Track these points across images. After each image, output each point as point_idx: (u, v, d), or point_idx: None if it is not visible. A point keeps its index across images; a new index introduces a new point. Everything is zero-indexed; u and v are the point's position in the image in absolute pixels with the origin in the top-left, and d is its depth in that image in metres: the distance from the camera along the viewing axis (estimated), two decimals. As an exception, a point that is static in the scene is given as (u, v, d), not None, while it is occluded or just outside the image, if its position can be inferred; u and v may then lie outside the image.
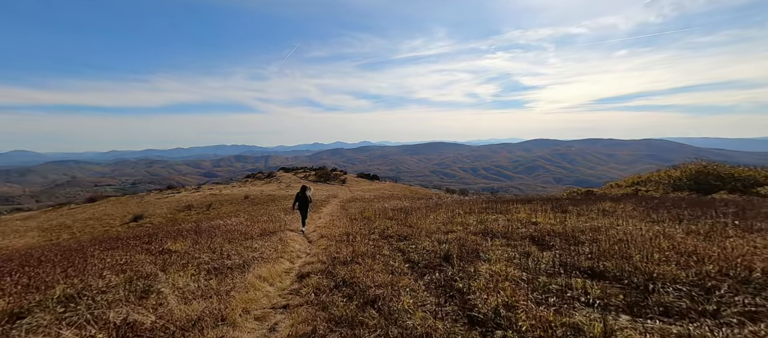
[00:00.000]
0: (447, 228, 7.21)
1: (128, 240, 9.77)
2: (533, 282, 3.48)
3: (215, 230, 9.98)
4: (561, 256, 4.47)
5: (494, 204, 12.15)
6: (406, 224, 8.25)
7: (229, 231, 9.33)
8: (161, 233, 11.03)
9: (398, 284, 3.88)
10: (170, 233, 10.51)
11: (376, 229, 7.96)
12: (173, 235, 9.56)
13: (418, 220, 8.60)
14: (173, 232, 10.91)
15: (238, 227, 10.13)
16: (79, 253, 7.67)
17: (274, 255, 6.00)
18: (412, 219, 9.01)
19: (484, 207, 10.59)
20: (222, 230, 9.66)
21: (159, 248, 7.03)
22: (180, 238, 8.37)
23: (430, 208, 11.96)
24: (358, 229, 8.12)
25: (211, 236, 8.49)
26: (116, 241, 9.50)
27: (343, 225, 9.41)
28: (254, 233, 8.60)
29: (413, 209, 11.76)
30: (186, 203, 38.51)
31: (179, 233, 10.10)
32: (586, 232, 5.88)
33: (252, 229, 9.47)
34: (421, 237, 6.61)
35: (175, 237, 9.20)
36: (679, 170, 19.90)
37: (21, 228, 31.45)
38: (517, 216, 8.50)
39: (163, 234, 10.88)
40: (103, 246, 8.83)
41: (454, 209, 10.66)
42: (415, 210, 11.15)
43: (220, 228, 10.20)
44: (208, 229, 10.04)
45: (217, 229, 10.29)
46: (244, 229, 9.56)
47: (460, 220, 8.23)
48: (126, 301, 3.53)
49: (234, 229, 9.68)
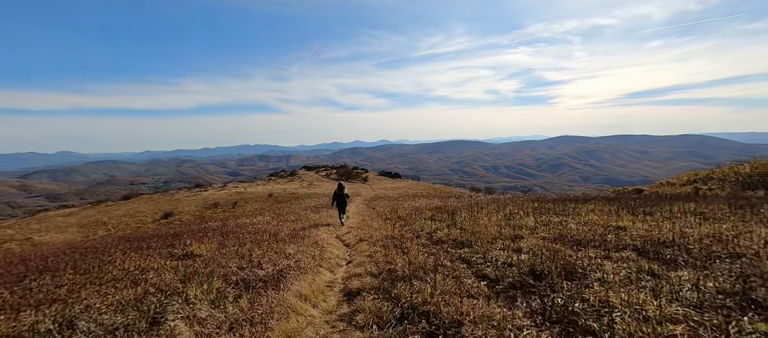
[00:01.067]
0: (510, 233, 6.03)
1: (153, 239, 9.26)
2: (712, 326, 2.30)
3: (242, 230, 9.28)
4: (703, 279, 3.23)
5: (544, 204, 10.77)
6: (456, 226, 7.13)
7: (256, 231, 8.59)
8: (187, 232, 10.51)
9: (491, 314, 2.81)
10: (196, 233, 9.94)
11: (421, 232, 6.90)
12: (199, 235, 8.95)
13: (468, 222, 7.46)
14: (199, 232, 10.36)
15: (266, 227, 9.38)
16: (99, 255, 7.13)
17: (311, 264, 5.08)
18: (460, 219, 7.87)
19: (536, 208, 9.28)
20: (249, 230, 8.94)
21: (182, 251, 6.32)
22: (206, 239, 7.70)
23: (471, 208, 10.76)
24: (401, 231, 7.10)
25: (238, 237, 7.75)
26: (141, 242, 9.01)
27: (379, 226, 8.43)
28: (284, 234, 7.79)
29: (455, 208, 10.60)
30: (213, 201, 39.15)
31: (205, 233, 9.49)
32: (703, 241, 4.56)
33: (281, 229, 8.69)
34: (482, 243, 5.49)
35: (201, 237, 8.57)
36: (749, 166, 17.49)
37: (62, 224, 32.94)
38: (586, 218, 7.17)
39: (189, 233, 10.34)
40: (126, 246, 8.31)
41: (503, 209, 9.41)
42: (459, 210, 9.99)
43: (247, 229, 9.50)
44: (235, 229, 9.37)
45: (244, 229, 9.59)
46: (273, 229, 8.79)
47: (519, 223, 7.01)
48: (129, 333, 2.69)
49: (262, 230, 8.93)
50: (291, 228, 9.11)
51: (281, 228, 9.25)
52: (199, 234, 9.42)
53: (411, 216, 10.24)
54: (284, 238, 7.17)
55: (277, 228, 9.20)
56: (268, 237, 7.24)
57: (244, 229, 9.35)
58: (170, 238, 8.96)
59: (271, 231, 8.44)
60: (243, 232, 8.57)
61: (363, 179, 54.70)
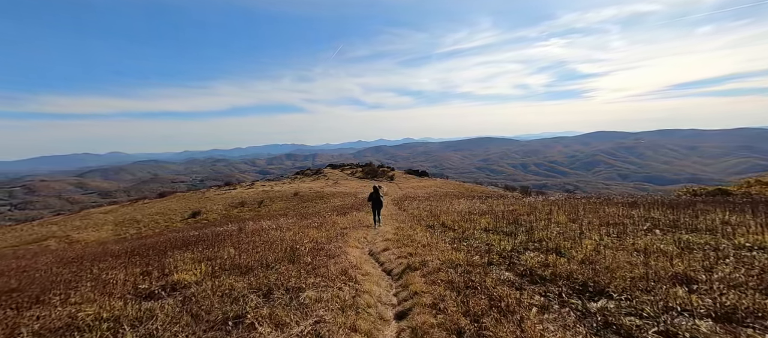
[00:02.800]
0: (666, 270, 3.97)
1: (150, 250, 8.13)
2: None
3: (257, 238, 7.91)
4: None
5: (647, 210, 8.47)
6: (543, 246, 5.23)
7: (272, 242, 7.17)
8: (194, 241, 9.37)
9: None
10: (204, 241, 8.76)
11: (492, 255, 5.04)
12: (203, 247, 7.69)
13: (560, 240, 5.49)
14: (208, 241, 9.20)
15: (285, 235, 7.96)
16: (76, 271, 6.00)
17: (340, 322, 3.39)
18: (540, 233, 5.89)
19: (644, 217, 7.13)
20: (264, 240, 7.53)
21: (158, 284, 4.80)
22: (204, 258, 6.38)
23: (532, 213, 8.78)
24: (467, 256, 5.17)
25: (248, 252, 6.32)
26: (132, 256, 7.88)
27: (424, 239, 6.71)
28: (304, 248, 6.29)
29: (515, 214, 8.65)
30: (240, 199, 39.24)
31: (214, 241, 8.25)
32: None
33: (302, 240, 7.23)
34: (626, 288, 3.57)
35: (204, 249, 7.30)
36: None
37: (100, 222, 34.16)
38: (750, 239, 4.98)
39: (194, 242, 9.18)
40: (107, 264, 7.18)
41: (584, 216, 7.37)
42: (520, 216, 8.05)
43: (263, 236, 8.12)
44: (249, 237, 8.01)
45: (260, 237, 8.24)
46: (292, 241, 7.34)
47: (647, 243, 4.92)
48: None
49: (280, 239, 7.51)
50: (314, 238, 7.63)
51: (303, 238, 7.80)
52: (206, 243, 8.22)
53: (459, 223, 8.42)
54: (304, 257, 5.60)
55: (298, 238, 7.76)
56: (282, 254, 5.70)
57: (260, 237, 8.00)
58: (170, 249, 7.77)
59: (289, 242, 6.98)
60: (256, 243, 7.18)
61: (389, 178, 53.14)
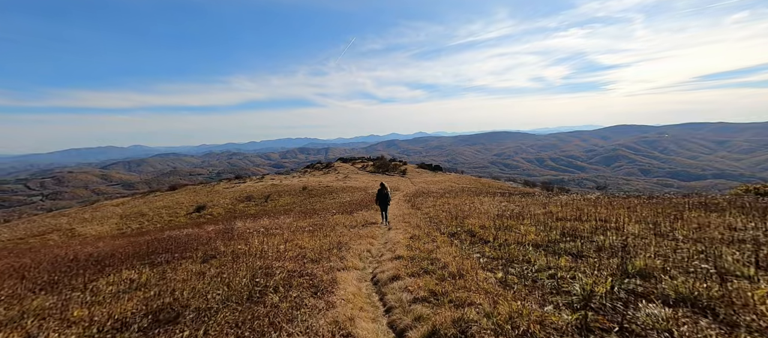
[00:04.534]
0: None
1: (112, 258, 6.55)
2: None
3: (226, 253, 6.21)
4: None
5: (702, 209, 6.42)
6: (636, 274, 3.30)
7: (254, 256, 5.44)
8: (161, 248, 7.78)
9: None
10: (169, 250, 7.14)
11: (570, 297, 3.12)
12: (171, 253, 6.05)
13: (648, 259, 3.58)
14: (177, 247, 7.57)
15: (265, 249, 6.20)
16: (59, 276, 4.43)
17: None
18: (641, 262, 3.92)
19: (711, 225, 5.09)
20: (232, 259, 5.81)
21: None
22: (128, 286, 4.72)
23: (576, 217, 6.77)
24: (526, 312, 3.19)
25: (199, 275, 4.61)
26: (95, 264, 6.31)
27: (448, 258, 4.79)
28: (283, 270, 4.52)
29: (560, 219, 6.64)
30: (247, 194, 38.20)
31: (186, 250, 6.60)
32: None
33: (284, 254, 5.47)
34: None
35: (166, 259, 5.64)
36: None
37: (108, 215, 33.72)
38: None
39: (170, 249, 7.59)
40: (60, 273, 5.61)
41: (663, 224, 5.34)
42: (562, 221, 6.06)
43: (239, 248, 6.41)
44: (215, 255, 6.31)
45: (238, 245, 6.53)
46: (274, 254, 5.58)
47: None
48: None
49: (256, 254, 5.77)
50: (303, 250, 5.87)
51: (292, 246, 6.06)
52: (168, 253, 6.58)
53: (492, 231, 6.47)
54: (275, 292, 3.80)
55: (285, 248, 6.02)
56: (251, 279, 4.00)
57: (241, 244, 6.29)
58: (123, 260, 6.16)
59: (272, 254, 5.23)
60: (225, 259, 5.48)
61: (401, 172, 51.18)
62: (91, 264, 6.57)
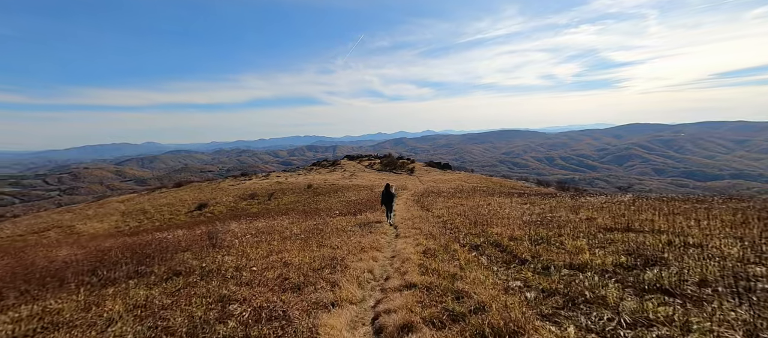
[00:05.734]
0: None
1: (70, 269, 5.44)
2: None
3: (222, 259, 5.01)
4: None
5: None
6: None
7: (234, 277, 4.22)
8: (137, 256, 6.65)
9: None
10: (149, 257, 6.00)
11: None
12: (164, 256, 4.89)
13: None
14: (166, 251, 6.44)
15: (260, 266, 4.99)
16: None
17: None
18: None
19: None
20: (228, 268, 4.60)
21: None
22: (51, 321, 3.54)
23: (625, 228, 5.37)
24: None
25: (188, 290, 3.42)
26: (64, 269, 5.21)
27: (481, 289, 3.49)
28: (250, 307, 3.29)
29: (617, 232, 5.24)
30: (251, 191, 37.33)
31: (157, 256, 5.45)
32: None
33: (263, 277, 4.25)
34: None
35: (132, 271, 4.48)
36: None
37: (110, 211, 33.20)
38: None
39: (140, 256, 6.46)
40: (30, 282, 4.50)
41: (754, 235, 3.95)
42: (600, 229, 4.69)
43: (229, 263, 5.22)
44: (205, 267, 5.13)
45: (233, 250, 5.33)
46: (249, 275, 4.36)
47: None
48: None
49: (249, 271, 4.55)
50: (289, 267, 4.63)
51: (275, 262, 4.86)
52: (146, 263, 5.43)
53: (526, 244, 5.12)
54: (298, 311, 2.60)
55: (267, 265, 4.81)
56: (222, 305, 2.83)
57: (228, 248, 5.09)
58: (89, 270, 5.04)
59: (247, 281, 4.01)
60: (204, 275, 4.29)
61: (409, 170, 49.78)
62: (42, 277, 5.48)
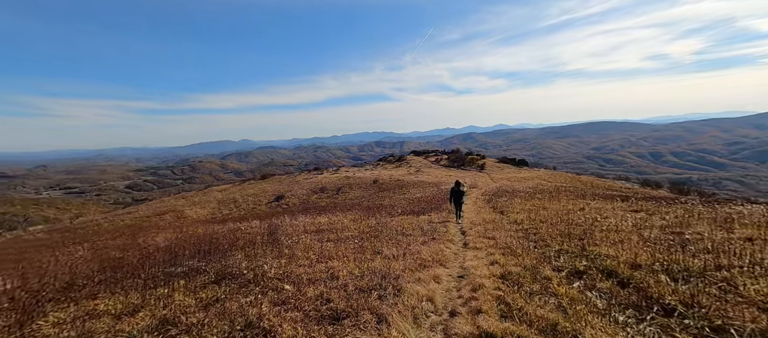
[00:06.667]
0: None
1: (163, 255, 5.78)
2: None
3: (275, 260, 4.68)
4: None
5: None
6: None
7: (275, 289, 3.77)
8: (212, 246, 6.86)
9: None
10: (214, 250, 6.08)
11: None
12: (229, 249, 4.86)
13: None
14: (234, 244, 6.53)
15: (303, 279, 4.47)
16: None
17: None
18: None
19: None
20: (273, 276, 4.20)
21: None
22: None
23: None
24: None
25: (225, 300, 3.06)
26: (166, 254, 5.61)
27: None
28: (322, 315, 2.64)
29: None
30: (322, 185, 39.40)
31: (225, 249, 5.42)
32: None
33: (336, 278, 3.62)
34: None
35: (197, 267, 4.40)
36: None
37: (210, 200, 38.62)
38: None
39: (211, 248, 6.61)
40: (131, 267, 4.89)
41: None
42: None
43: (275, 270, 4.87)
44: (254, 270, 4.87)
45: (287, 251, 4.99)
46: (313, 289, 3.79)
47: None
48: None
49: (292, 282, 4.06)
50: (341, 282, 3.95)
51: (330, 268, 4.24)
52: (207, 259, 5.45)
53: (661, 275, 3.50)
54: None
55: (314, 275, 4.22)
56: None
57: (282, 248, 4.74)
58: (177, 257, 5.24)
59: (284, 300, 3.45)
60: (248, 283, 3.93)
61: (479, 166, 46.52)
62: (122, 267, 5.90)
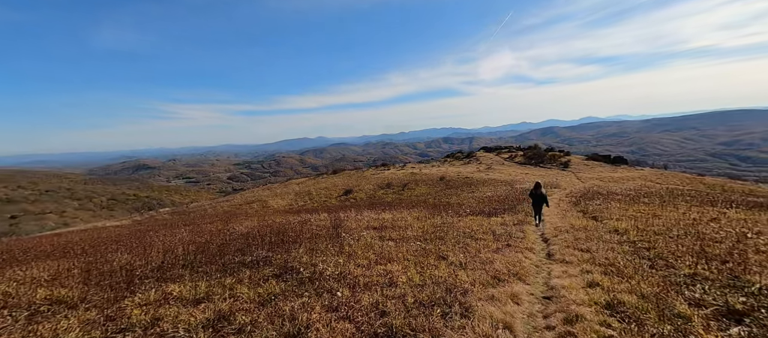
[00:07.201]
0: None
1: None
2: None
3: (334, 257, 4.55)
4: None
5: None
6: None
7: (330, 291, 3.55)
8: (289, 235, 7.17)
9: None
10: (292, 238, 6.30)
11: None
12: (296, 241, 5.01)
13: None
14: (300, 235, 6.73)
15: (359, 281, 4.18)
16: None
17: None
18: None
19: None
20: (329, 275, 4.03)
21: None
22: None
23: None
24: None
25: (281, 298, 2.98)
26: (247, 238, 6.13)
27: None
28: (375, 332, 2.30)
29: None
30: (388, 181, 39.82)
31: (298, 239, 5.55)
32: None
33: (394, 284, 3.26)
34: None
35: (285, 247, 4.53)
36: None
37: (289, 192, 42.49)
38: None
39: (279, 240, 6.88)
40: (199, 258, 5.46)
41: None
42: None
43: (332, 268, 4.71)
44: (313, 265, 4.80)
45: (347, 247, 4.84)
46: (368, 296, 3.47)
47: None
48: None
49: (347, 287, 3.81)
50: (399, 291, 3.51)
51: (387, 272, 3.85)
52: (275, 249, 5.65)
53: None
54: None
55: (371, 278, 3.85)
56: None
57: (343, 245, 4.60)
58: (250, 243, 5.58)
59: (336, 305, 3.14)
60: (307, 281, 3.79)
61: (562, 164, 41.28)
62: (213, 249, 6.46)
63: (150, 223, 22.62)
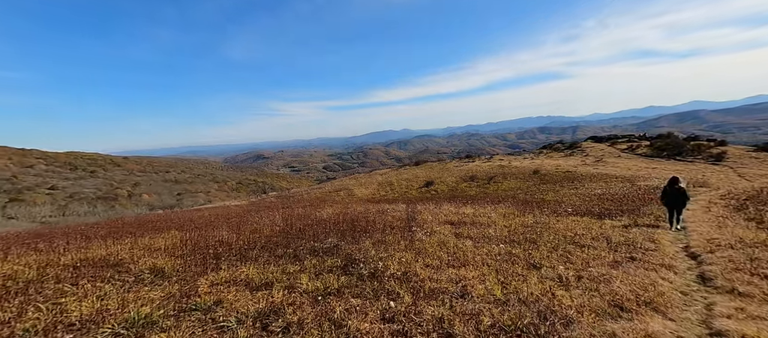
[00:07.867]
0: None
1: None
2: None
3: (404, 253, 4.14)
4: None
5: None
6: None
7: (388, 293, 3.11)
8: (369, 226, 7.10)
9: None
10: (368, 229, 6.19)
11: None
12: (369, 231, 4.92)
13: None
14: (374, 228, 6.60)
15: (425, 287, 3.61)
16: None
17: None
18: None
19: None
20: (392, 273, 3.61)
21: None
22: None
23: None
24: None
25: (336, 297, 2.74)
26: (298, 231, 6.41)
27: None
28: None
29: None
30: (472, 173, 37.40)
31: (369, 231, 5.40)
32: None
33: (488, 296, 2.66)
34: None
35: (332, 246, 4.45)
36: None
37: (372, 182, 44.20)
38: None
39: (350, 229, 6.80)
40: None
41: None
42: None
43: (395, 266, 4.27)
44: (378, 260, 4.46)
45: (417, 243, 4.40)
46: (433, 307, 2.92)
47: None
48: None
49: (410, 288, 3.31)
50: (498, 296, 2.79)
51: (480, 272, 3.18)
52: (350, 237, 5.55)
53: None
54: None
55: (436, 285, 3.21)
56: None
57: (414, 241, 4.18)
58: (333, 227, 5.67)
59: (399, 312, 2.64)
60: (366, 278, 3.43)
61: (713, 157, 31.76)
62: (293, 233, 6.75)
63: (260, 204, 26.45)
